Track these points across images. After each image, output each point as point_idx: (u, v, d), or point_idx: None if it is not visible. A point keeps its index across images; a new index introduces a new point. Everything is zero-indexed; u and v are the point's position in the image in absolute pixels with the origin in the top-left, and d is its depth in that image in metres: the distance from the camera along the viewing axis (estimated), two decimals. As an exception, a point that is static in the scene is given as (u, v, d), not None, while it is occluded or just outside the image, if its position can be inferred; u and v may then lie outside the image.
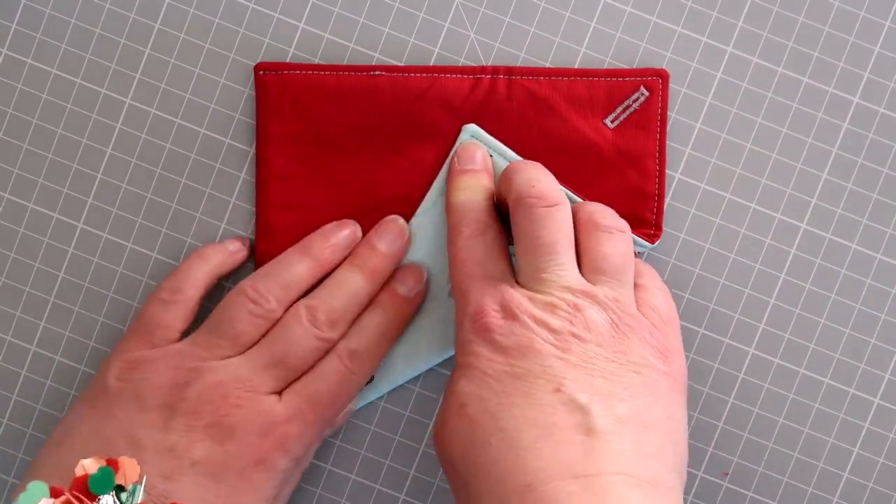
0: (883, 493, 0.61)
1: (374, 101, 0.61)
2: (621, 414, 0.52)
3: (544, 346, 0.53)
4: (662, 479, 0.52)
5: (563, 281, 0.55)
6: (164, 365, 0.57)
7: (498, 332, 0.54)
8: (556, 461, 0.50)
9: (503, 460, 0.51)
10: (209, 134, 0.62)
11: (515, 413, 0.52)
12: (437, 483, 0.62)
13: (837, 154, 0.61)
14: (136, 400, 0.56)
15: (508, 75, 0.61)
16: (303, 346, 0.58)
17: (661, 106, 0.61)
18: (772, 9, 0.61)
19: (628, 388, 0.53)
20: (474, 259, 0.57)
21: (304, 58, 0.62)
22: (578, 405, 0.52)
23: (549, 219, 0.56)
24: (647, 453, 0.52)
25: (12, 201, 0.62)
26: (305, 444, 0.58)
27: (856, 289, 0.61)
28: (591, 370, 0.53)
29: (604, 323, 0.54)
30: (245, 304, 0.58)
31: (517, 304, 0.54)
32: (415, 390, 0.62)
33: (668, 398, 0.54)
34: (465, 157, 0.60)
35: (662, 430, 0.53)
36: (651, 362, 0.54)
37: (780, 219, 0.61)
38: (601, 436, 0.51)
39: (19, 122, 0.62)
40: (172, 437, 0.55)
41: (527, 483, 0.50)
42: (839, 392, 0.62)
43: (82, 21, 0.62)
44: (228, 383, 0.56)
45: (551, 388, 0.52)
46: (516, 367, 0.53)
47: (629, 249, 0.57)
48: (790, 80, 0.61)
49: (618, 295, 0.55)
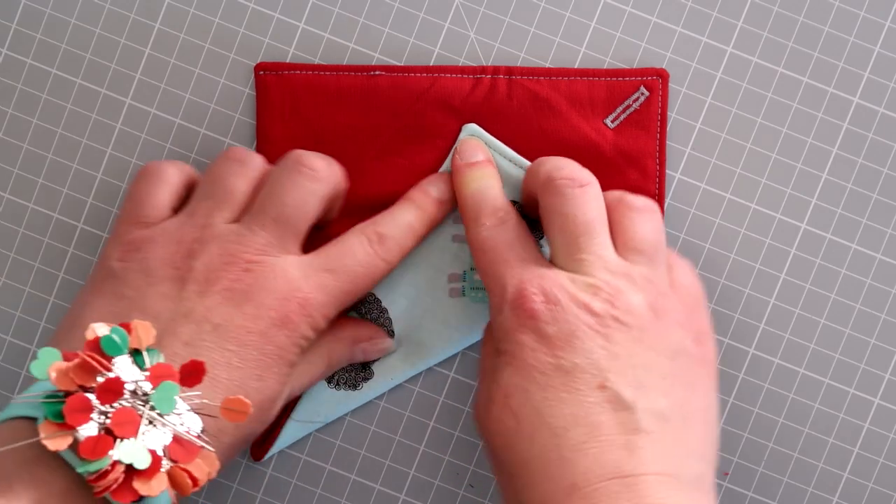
0: (883, 493, 0.61)
1: (374, 102, 0.61)
2: (663, 409, 0.52)
3: (588, 334, 0.53)
4: (703, 476, 0.52)
5: (601, 262, 0.55)
6: (164, 240, 0.55)
7: (542, 320, 0.53)
8: (601, 462, 0.51)
9: (549, 458, 0.51)
10: (209, 134, 0.62)
11: (563, 410, 0.52)
12: (437, 483, 0.62)
13: (837, 154, 0.61)
14: (145, 276, 0.55)
15: (509, 75, 0.61)
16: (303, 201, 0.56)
17: (661, 106, 0.61)
18: (772, 9, 0.61)
19: (667, 378, 0.53)
20: (503, 244, 0.56)
21: (304, 58, 0.62)
22: (623, 403, 0.52)
23: (582, 198, 0.56)
24: (688, 450, 0.52)
25: (12, 201, 0.62)
26: (326, 316, 0.56)
27: (856, 289, 0.61)
28: (633, 360, 0.53)
29: (643, 305, 0.54)
30: (231, 165, 0.57)
31: (559, 286, 0.54)
32: (415, 390, 0.62)
33: (704, 386, 0.55)
34: (467, 151, 0.60)
35: (702, 421, 0.54)
36: (687, 347, 0.54)
37: (780, 219, 0.61)
38: (646, 435, 0.51)
39: (19, 122, 0.62)
40: (188, 304, 0.54)
41: (573, 483, 0.51)
42: (839, 392, 0.62)
43: (82, 21, 0.62)
44: (235, 248, 0.55)
45: (597, 383, 0.52)
46: (562, 361, 0.53)
47: (662, 229, 0.57)
48: (790, 80, 0.61)
49: (653, 276, 0.55)
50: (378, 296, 0.61)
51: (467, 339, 0.61)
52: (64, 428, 0.48)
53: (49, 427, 0.48)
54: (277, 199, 0.56)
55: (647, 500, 0.50)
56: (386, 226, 0.58)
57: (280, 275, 0.55)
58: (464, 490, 0.62)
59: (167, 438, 0.49)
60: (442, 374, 0.62)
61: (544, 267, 0.55)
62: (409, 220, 0.59)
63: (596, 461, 0.51)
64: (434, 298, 0.61)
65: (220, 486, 0.62)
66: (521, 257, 0.55)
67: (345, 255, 0.57)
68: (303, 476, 0.62)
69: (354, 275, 0.56)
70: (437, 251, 0.61)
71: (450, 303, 0.61)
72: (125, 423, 0.48)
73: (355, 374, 0.61)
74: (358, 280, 0.57)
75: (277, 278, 0.55)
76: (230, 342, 0.53)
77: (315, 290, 0.55)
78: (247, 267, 0.54)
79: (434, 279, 0.61)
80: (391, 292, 0.61)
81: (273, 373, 0.54)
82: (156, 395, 0.49)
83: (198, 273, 0.54)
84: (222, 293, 0.54)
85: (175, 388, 0.49)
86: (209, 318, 0.53)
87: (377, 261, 0.57)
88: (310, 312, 0.55)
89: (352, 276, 0.56)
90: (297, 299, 0.55)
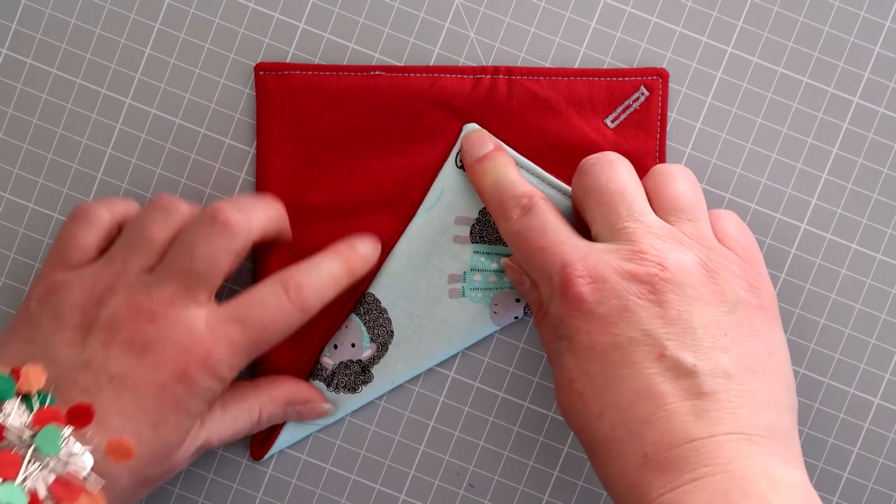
0: (883, 493, 0.61)
1: (374, 101, 0.61)
2: (727, 367, 0.52)
3: (640, 305, 0.53)
4: (775, 424, 0.52)
5: (644, 227, 0.55)
6: (80, 285, 0.56)
7: (591, 300, 0.53)
8: (669, 430, 0.51)
9: (619, 433, 0.52)
10: (209, 134, 0.62)
11: (625, 386, 0.52)
12: (437, 483, 0.62)
13: (837, 154, 0.61)
14: (55, 321, 0.55)
15: (509, 75, 0.61)
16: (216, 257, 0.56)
17: (661, 106, 0.61)
18: (772, 9, 0.61)
19: (728, 334, 0.53)
20: (536, 233, 0.56)
21: (304, 58, 0.62)
22: (685, 369, 0.52)
23: (611, 169, 0.56)
24: (758, 402, 0.52)
25: (12, 201, 0.62)
26: (232, 367, 0.55)
27: (856, 289, 0.61)
28: (691, 321, 0.53)
29: (694, 263, 0.54)
30: (155, 213, 0.57)
31: (604, 262, 0.54)
32: (415, 390, 0.62)
33: (766, 333, 0.54)
34: (475, 145, 0.60)
35: (767, 370, 0.54)
36: (743, 297, 0.54)
37: (780, 219, 0.61)
38: (710, 397, 0.52)
39: (19, 122, 0.62)
40: (89, 353, 0.54)
41: (644, 454, 0.51)
42: (839, 392, 0.61)
43: (82, 21, 0.62)
44: (142, 298, 0.55)
45: (655, 354, 0.52)
46: (617, 336, 0.53)
47: (698, 186, 0.57)
48: (790, 80, 0.61)
49: (699, 232, 0.55)
50: (378, 296, 0.61)
51: (467, 339, 0.61)
52: None
53: None
54: (188, 252, 0.55)
55: (715, 460, 0.50)
56: (305, 274, 0.57)
57: (184, 327, 0.55)
58: (464, 490, 0.62)
59: (50, 479, 0.50)
60: (442, 374, 0.62)
61: (584, 244, 0.55)
62: (331, 269, 0.58)
63: (664, 431, 0.51)
64: (434, 299, 0.61)
65: (220, 486, 0.62)
66: (558, 239, 0.55)
67: (255, 305, 0.56)
68: (303, 476, 0.62)
69: (264, 326, 0.56)
70: (438, 251, 0.61)
71: (450, 303, 0.61)
72: (6, 464, 0.49)
73: (355, 378, 0.61)
74: (268, 331, 0.56)
75: (181, 331, 0.54)
76: (126, 392, 0.54)
77: (219, 342, 0.55)
78: (150, 318, 0.54)
79: (434, 279, 0.61)
80: (391, 292, 0.61)
81: (170, 423, 0.54)
82: (39, 437, 0.50)
83: (103, 322, 0.55)
84: (124, 343, 0.54)
85: (57, 431, 0.50)
86: (108, 367, 0.54)
87: (291, 311, 0.56)
88: (212, 365, 0.55)
89: (261, 327, 0.56)
90: (198, 352, 0.54)
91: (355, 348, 0.61)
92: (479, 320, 0.61)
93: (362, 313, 0.61)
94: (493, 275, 0.61)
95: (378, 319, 0.61)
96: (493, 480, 0.62)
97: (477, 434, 0.62)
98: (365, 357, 0.61)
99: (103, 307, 0.55)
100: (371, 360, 0.61)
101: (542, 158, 0.61)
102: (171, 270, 0.55)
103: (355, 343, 0.61)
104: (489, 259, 0.61)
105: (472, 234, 0.61)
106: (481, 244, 0.61)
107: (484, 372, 0.62)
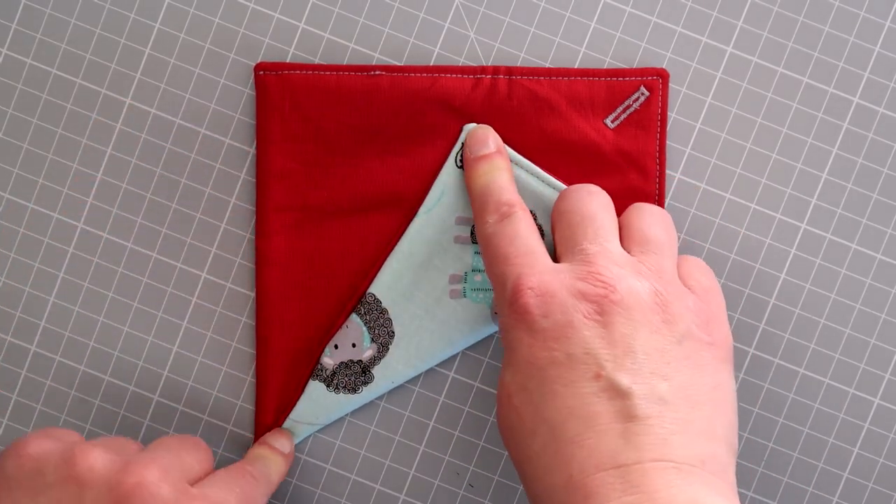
0: (883, 493, 0.61)
1: (374, 101, 0.61)
2: (663, 393, 0.52)
3: (584, 323, 0.53)
4: (710, 455, 0.51)
5: (605, 252, 0.54)
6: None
7: (536, 313, 0.53)
8: (597, 452, 0.50)
9: (548, 452, 0.51)
10: (209, 134, 0.62)
11: (558, 404, 0.52)
12: (437, 483, 0.62)
13: (837, 154, 0.61)
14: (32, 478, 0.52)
15: (509, 75, 0.61)
16: None
17: (661, 106, 0.61)
18: (772, 9, 0.61)
19: (671, 363, 0.53)
20: (505, 240, 0.56)
21: (304, 58, 0.62)
22: (619, 390, 0.51)
23: (587, 197, 0.56)
24: (693, 432, 0.51)
25: (12, 201, 0.62)
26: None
27: (856, 289, 0.61)
28: (633, 346, 0.52)
29: (647, 291, 0.53)
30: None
31: (557, 278, 0.54)
32: (415, 390, 0.62)
33: (713, 368, 0.54)
34: (477, 142, 0.60)
35: (709, 402, 0.53)
36: (694, 332, 0.54)
37: (780, 219, 0.61)
38: (642, 421, 0.51)
39: (19, 122, 0.62)
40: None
41: (570, 475, 0.50)
42: (839, 392, 0.62)
43: (82, 21, 0.62)
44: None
45: (592, 373, 0.52)
46: (556, 353, 0.52)
47: (672, 226, 0.57)
48: (790, 80, 0.61)
49: (660, 265, 0.55)
50: (378, 296, 0.61)
51: (468, 339, 0.61)
52: None
53: None
54: None
55: (641, 488, 0.49)
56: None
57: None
58: (464, 490, 0.62)
59: None
60: (442, 374, 0.62)
61: (544, 261, 0.55)
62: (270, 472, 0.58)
63: (591, 452, 0.50)
64: (435, 299, 0.61)
65: (221, 486, 0.62)
66: (521, 252, 0.55)
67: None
68: (303, 476, 0.62)
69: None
70: (439, 252, 0.61)
71: (450, 304, 0.61)
72: None
73: (355, 378, 0.61)
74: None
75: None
76: None
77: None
78: None
79: (435, 280, 0.61)
80: (391, 292, 0.61)
81: None
82: None
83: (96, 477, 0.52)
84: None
85: None
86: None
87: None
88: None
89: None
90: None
91: (356, 348, 0.61)
92: (480, 321, 0.61)
93: (363, 313, 0.61)
94: (493, 275, 0.61)
95: (379, 319, 0.61)
96: (493, 480, 0.62)
97: (477, 434, 0.62)
98: (366, 357, 0.61)
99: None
100: (372, 361, 0.61)
101: (542, 158, 0.61)
102: None
103: (356, 343, 0.61)
104: (489, 259, 0.61)
105: (472, 234, 0.61)
106: (481, 244, 0.61)
107: (484, 372, 0.62)
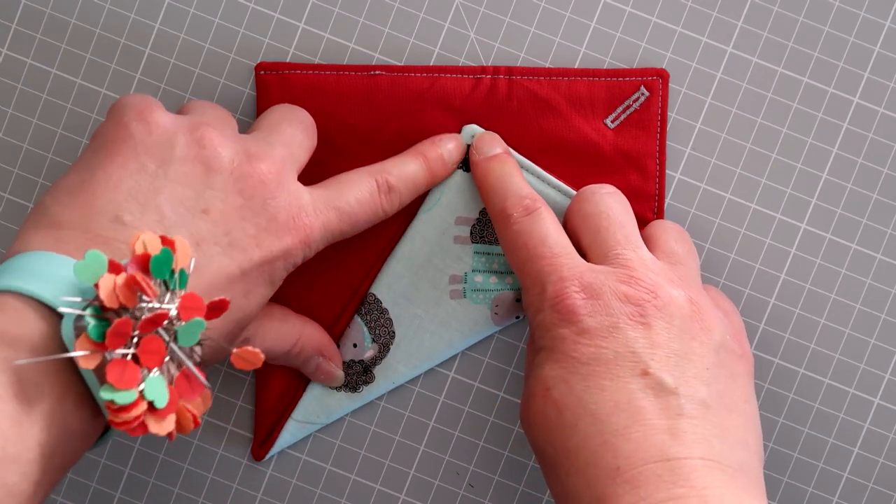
0: (883, 493, 0.61)
1: (374, 101, 0.61)
2: (705, 397, 0.53)
3: (630, 325, 0.53)
4: (746, 463, 0.52)
5: (639, 259, 0.55)
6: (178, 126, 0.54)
7: (583, 313, 0.54)
8: (644, 445, 0.51)
9: (592, 444, 0.52)
10: (209, 134, 0.62)
11: (605, 396, 0.52)
12: (437, 483, 0.62)
13: (837, 154, 0.61)
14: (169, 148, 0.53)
15: (509, 75, 0.61)
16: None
17: (661, 106, 0.61)
18: (772, 9, 0.61)
19: (710, 370, 0.53)
20: (536, 238, 0.56)
21: (304, 58, 0.62)
22: (666, 388, 0.52)
23: (612, 200, 0.57)
24: (731, 439, 0.52)
25: (12, 201, 0.62)
26: (317, 251, 0.55)
27: (856, 289, 0.61)
28: (676, 349, 0.53)
29: (684, 299, 0.54)
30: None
31: (600, 281, 0.54)
32: (415, 390, 0.62)
33: (744, 381, 0.55)
34: (487, 143, 0.60)
35: (742, 413, 0.54)
36: (728, 343, 0.55)
37: (780, 219, 0.61)
38: (687, 420, 0.52)
39: (19, 121, 0.62)
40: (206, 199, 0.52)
41: (617, 466, 0.51)
42: (839, 392, 0.62)
43: (82, 21, 0.62)
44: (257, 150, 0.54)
45: (639, 370, 0.53)
46: (604, 350, 0.53)
47: (693, 246, 0.59)
48: (790, 80, 0.61)
49: (689, 277, 0.56)
50: (379, 296, 0.61)
51: (468, 340, 0.61)
52: (99, 348, 0.46)
53: (85, 343, 0.46)
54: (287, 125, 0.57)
55: (690, 483, 0.50)
56: (396, 177, 0.58)
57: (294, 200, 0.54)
58: (464, 490, 0.62)
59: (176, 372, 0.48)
60: (442, 374, 0.62)
61: (581, 262, 0.55)
62: (415, 174, 0.59)
63: (639, 445, 0.51)
64: (435, 300, 0.61)
65: (220, 486, 0.62)
66: (556, 252, 0.56)
67: (351, 197, 0.56)
68: (303, 476, 0.62)
69: (356, 219, 0.56)
70: (439, 252, 0.61)
71: (451, 304, 0.61)
72: (152, 352, 0.46)
73: (356, 378, 0.61)
74: (357, 224, 0.57)
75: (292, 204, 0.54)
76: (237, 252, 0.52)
77: (318, 224, 0.55)
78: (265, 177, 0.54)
79: (435, 280, 0.61)
80: (392, 293, 0.61)
81: (259, 293, 0.53)
82: (183, 328, 0.47)
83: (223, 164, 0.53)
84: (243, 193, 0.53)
85: (202, 324, 0.47)
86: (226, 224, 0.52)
87: (379, 210, 0.57)
88: (310, 245, 0.55)
89: (353, 219, 0.56)
90: (304, 230, 0.54)
91: (357, 348, 0.61)
92: (480, 322, 0.61)
93: (364, 313, 0.61)
94: (493, 276, 0.61)
95: (379, 320, 0.61)
96: (493, 480, 0.62)
97: (477, 434, 0.62)
98: (367, 357, 0.61)
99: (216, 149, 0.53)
100: (373, 361, 0.61)
101: (542, 158, 0.61)
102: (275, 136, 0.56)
103: (357, 343, 0.61)
104: (489, 260, 0.61)
105: (472, 234, 0.61)
106: (481, 244, 0.61)
107: (484, 372, 0.62)
